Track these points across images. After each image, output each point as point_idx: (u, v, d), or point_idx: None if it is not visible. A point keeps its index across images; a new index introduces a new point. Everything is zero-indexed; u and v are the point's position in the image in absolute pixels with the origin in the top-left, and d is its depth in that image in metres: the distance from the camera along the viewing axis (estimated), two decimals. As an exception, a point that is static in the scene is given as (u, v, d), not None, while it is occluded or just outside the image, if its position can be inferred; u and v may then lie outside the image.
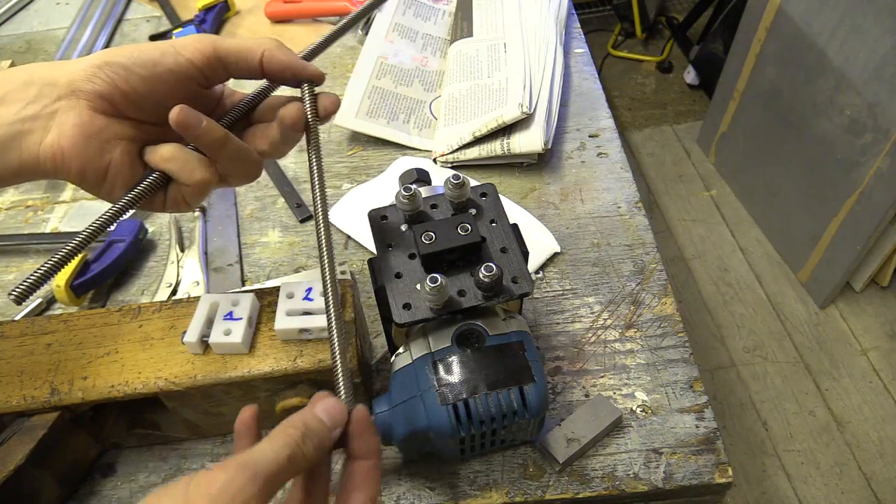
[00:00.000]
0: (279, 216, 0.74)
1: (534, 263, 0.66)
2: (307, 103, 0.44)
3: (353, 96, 0.82)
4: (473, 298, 0.46)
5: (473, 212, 0.50)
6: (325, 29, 0.96)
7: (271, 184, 0.77)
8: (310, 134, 0.44)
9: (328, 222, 0.42)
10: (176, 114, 0.40)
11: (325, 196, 0.43)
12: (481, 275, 0.44)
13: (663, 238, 1.84)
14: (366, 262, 0.61)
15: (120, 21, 1.03)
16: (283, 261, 0.70)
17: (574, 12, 0.96)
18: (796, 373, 1.57)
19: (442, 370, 0.45)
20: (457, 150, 0.77)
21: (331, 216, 0.72)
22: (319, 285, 0.51)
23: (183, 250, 0.70)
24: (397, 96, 0.84)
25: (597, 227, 0.70)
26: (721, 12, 2.00)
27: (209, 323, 0.50)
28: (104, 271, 0.66)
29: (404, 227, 0.49)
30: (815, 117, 1.51)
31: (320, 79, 0.45)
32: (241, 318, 0.50)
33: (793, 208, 1.66)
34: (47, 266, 0.38)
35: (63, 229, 0.74)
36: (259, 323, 0.52)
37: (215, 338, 0.49)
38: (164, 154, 0.42)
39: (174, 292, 0.67)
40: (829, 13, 1.40)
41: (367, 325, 0.62)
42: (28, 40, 1.02)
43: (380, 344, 0.61)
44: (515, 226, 0.50)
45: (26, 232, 0.75)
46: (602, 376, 0.59)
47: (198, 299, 0.52)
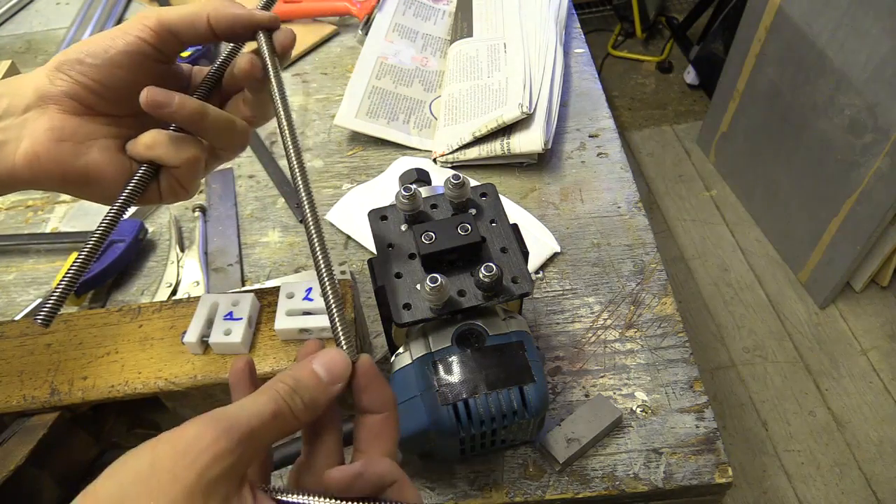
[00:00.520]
0: (279, 216, 0.74)
1: (534, 263, 0.66)
2: (264, 49, 0.43)
3: (353, 96, 0.82)
4: (473, 298, 0.46)
5: (473, 212, 0.50)
6: (326, 29, 0.97)
7: (271, 184, 0.77)
8: (273, 79, 0.42)
9: (303, 165, 0.40)
10: (145, 95, 0.39)
11: (299, 144, 0.40)
12: (481, 275, 0.44)
13: (663, 238, 1.84)
14: (366, 262, 0.61)
15: (120, 21, 1.03)
16: (283, 261, 0.70)
17: (574, 12, 0.96)
18: (796, 373, 1.57)
19: (442, 370, 0.45)
20: (457, 150, 0.77)
21: (331, 216, 0.72)
22: (319, 285, 0.51)
23: (183, 250, 0.70)
24: (397, 96, 0.84)
25: (597, 227, 0.70)
26: (721, 12, 2.00)
27: (209, 323, 0.50)
28: (104, 271, 0.66)
29: (404, 227, 0.49)
30: (815, 117, 1.51)
31: (275, 22, 0.43)
32: (241, 318, 0.50)
33: (793, 208, 1.66)
34: (63, 284, 0.38)
35: (63, 229, 0.74)
36: (259, 323, 0.52)
37: (215, 338, 0.49)
38: (146, 142, 0.41)
39: (174, 292, 0.67)
40: (829, 13, 1.40)
41: (367, 325, 0.62)
42: (28, 40, 1.02)
43: (380, 344, 0.61)
44: (515, 226, 0.50)
45: (26, 232, 0.75)
46: (602, 376, 0.59)
47: (198, 299, 0.52)
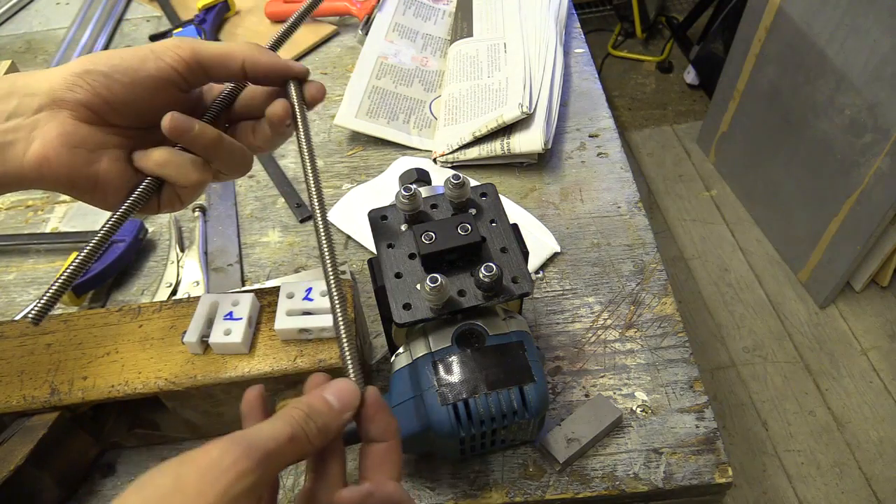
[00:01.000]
0: (279, 216, 0.74)
1: (534, 263, 0.66)
2: (295, 99, 0.44)
3: (353, 96, 0.82)
4: (473, 298, 0.46)
5: (473, 212, 0.50)
6: (326, 29, 0.97)
7: (271, 184, 0.77)
8: (301, 127, 0.43)
9: (318, 177, 0.41)
10: (168, 121, 0.40)
11: (317, 168, 0.42)
12: (481, 275, 0.44)
13: (663, 238, 1.84)
14: (366, 262, 0.61)
15: (120, 21, 1.03)
16: (283, 261, 0.70)
17: (574, 12, 0.96)
18: (796, 373, 1.57)
19: (442, 370, 0.45)
20: (457, 150, 0.77)
21: (331, 216, 0.72)
22: (319, 285, 0.51)
23: (183, 250, 0.70)
24: (397, 96, 0.84)
25: (597, 227, 0.70)
26: (721, 12, 2.00)
27: (209, 323, 0.50)
28: (104, 271, 0.66)
29: (404, 227, 0.49)
30: (815, 117, 1.51)
31: (305, 75, 0.45)
32: (241, 318, 0.50)
33: (793, 208, 1.66)
34: (57, 285, 0.39)
35: (63, 229, 0.74)
36: (259, 323, 0.52)
37: (215, 338, 0.49)
38: (158, 160, 0.42)
39: (174, 292, 0.67)
40: (829, 13, 1.40)
41: (367, 325, 0.62)
42: (28, 40, 1.02)
43: (380, 344, 0.61)
44: (515, 226, 0.50)
45: (26, 232, 0.75)
46: (602, 376, 0.59)
47: (198, 299, 0.52)
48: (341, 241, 0.71)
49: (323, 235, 0.40)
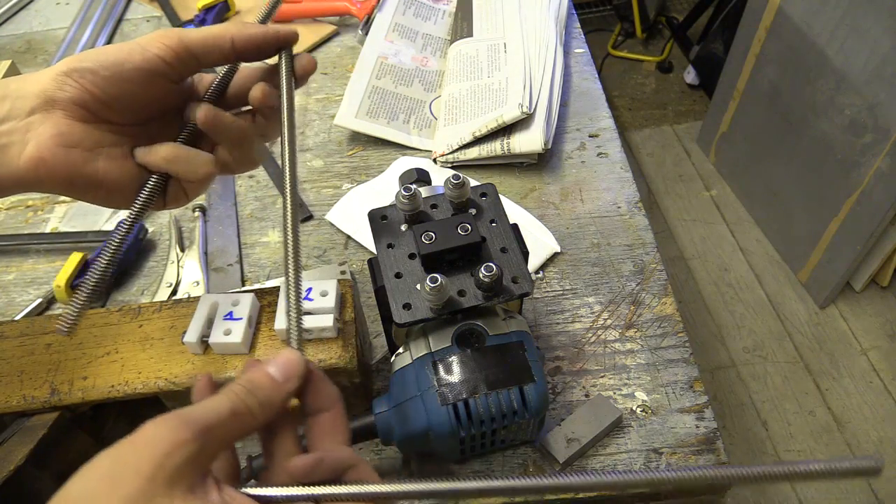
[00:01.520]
0: (279, 216, 0.74)
1: (534, 263, 0.66)
2: (283, 68, 0.43)
3: (353, 96, 0.82)
4: (473, 298, 0.46)
5: (473, 212, 0.50)
6: (326, 29, 0.97)
7: (271, 184, 0.77)
8: (285, 98, 0.43)
9: (296, 186, 0.41)
10: (203, 113, 0.40)
11: (296, 168, 0.42)
12: (481, 275, 0.44)
13: (663, 238, 1.84)
14: (366, 262, 0.61)
15: (120, 21, 1.03)
16: (282, 261, 0.70)
17: (574, 12, 0.96)
18: (796, 373, 1.57)
19: (442, 370, 0.45)
20: (457, 150, 0.77)
21: (331, 216, 0.72)
22: (319, 285, 0.51)
23: (183, 250, 0.70)
24: (397, 96, 0.84)
25: (597, 227, 0.70)
26: (721, 12, 2.00)
27: (209, 323, 0.50)
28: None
29: (404, 227, 0.49)
30: (815, 117, 1.51)
31: (295, 37, 0.44)
32: (241, 318, 0.50)
33: (793, 208, 1.66)
34: (84, 295, 0.39)
35: (63, 229, 0.74)
36: (259, 323, 0.52)
37: (215, 338, 0.49)
38: (166, 155, 0.42)
39: (174, 292, 0.67)
40: (829, 13, 1.40)
41: (367, 325, 0.62)
42: (28, 40, 1.02)
43: (380, 344, 0.61)
44: (515, 226, 0.50)
45: (26, 232, 0.75)
46: (602, 376, 0.59)
47: (198, 299, 0.52)
48: (341, 241, 0.71)
49: (288, 179, 0.40)
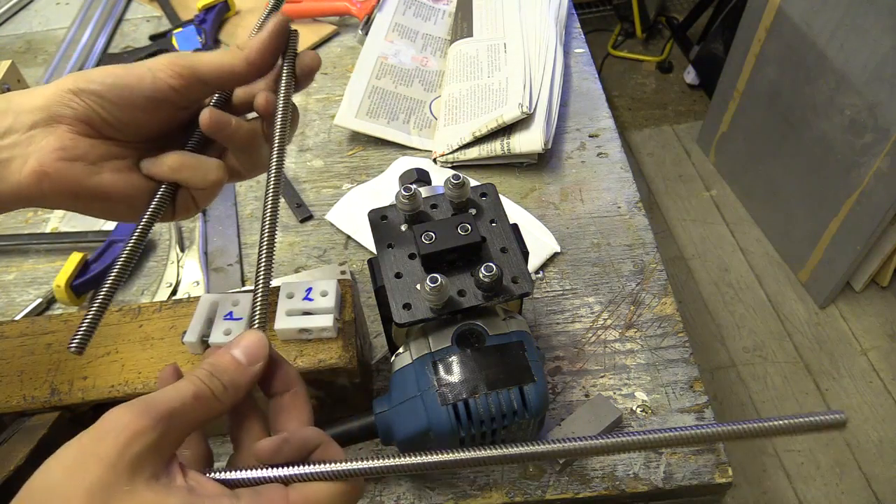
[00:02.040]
0: (279, 216, 0.74)
1: (534, 263, 0.66)
2: (284, 69, 0.43)
3: (353, 96, 0.82)
4: (473, 298, 0.46)
5: (473, 212, 0.50)
6: (326, 29, 0.97)
7: (271, 184, 0.77)
8: (282, 89, 0.43)
9: (280, 183, 0.42)
10: (207, 117, 0.40)
11: (283, 165, 0.43)
12: (481, 275, 0.44)
13: (663, 238, 1.84)
14: (366, 262, 0.61)
15: (120, 21, 1.03)
16: (283, 261, 0.70)
17: (574, 12, 0.96)
18: (796, 373, 1.57)
19: (442, 370, 0.45)
20: (457, 150, 0.77)
21: (331, 216, 0.72)
22: (319, 285, 0.51)
23: (183, 250, 0.70)
24: (397, 96, 0.84)
25: (597, 227, 0.70)
26: (721, 12, 2.00)
27: (209, 323, 0.50)
28: (104, 271, 0.66)
29: (404, 227, 0.49)
30: (815, 117, 1.51)
31: (287, 22, 0.43)
32: (241, 318, 0.50)
33: (793, 208, 1.66)
34: (94, 310, 0.39)
35: (63, 229, 0.74)
36: (259, 323, 0.52)
37: (215, 338, 0.49)
38: (173, 164, 0.41)
39: (174, 292, 0.67)
40: (829, 13, 1.40)
41: (367, 325, 0.62)
42: (28, 40, 1.02)
43: (380, 344, 0.61)
44: (515, 226, 0.50)
45: (26, 232, 0.75)
46: (602, 376, 0.59)
47: (198, 299, 0.52)
48: (341, 241, 0.71)
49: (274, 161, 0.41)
